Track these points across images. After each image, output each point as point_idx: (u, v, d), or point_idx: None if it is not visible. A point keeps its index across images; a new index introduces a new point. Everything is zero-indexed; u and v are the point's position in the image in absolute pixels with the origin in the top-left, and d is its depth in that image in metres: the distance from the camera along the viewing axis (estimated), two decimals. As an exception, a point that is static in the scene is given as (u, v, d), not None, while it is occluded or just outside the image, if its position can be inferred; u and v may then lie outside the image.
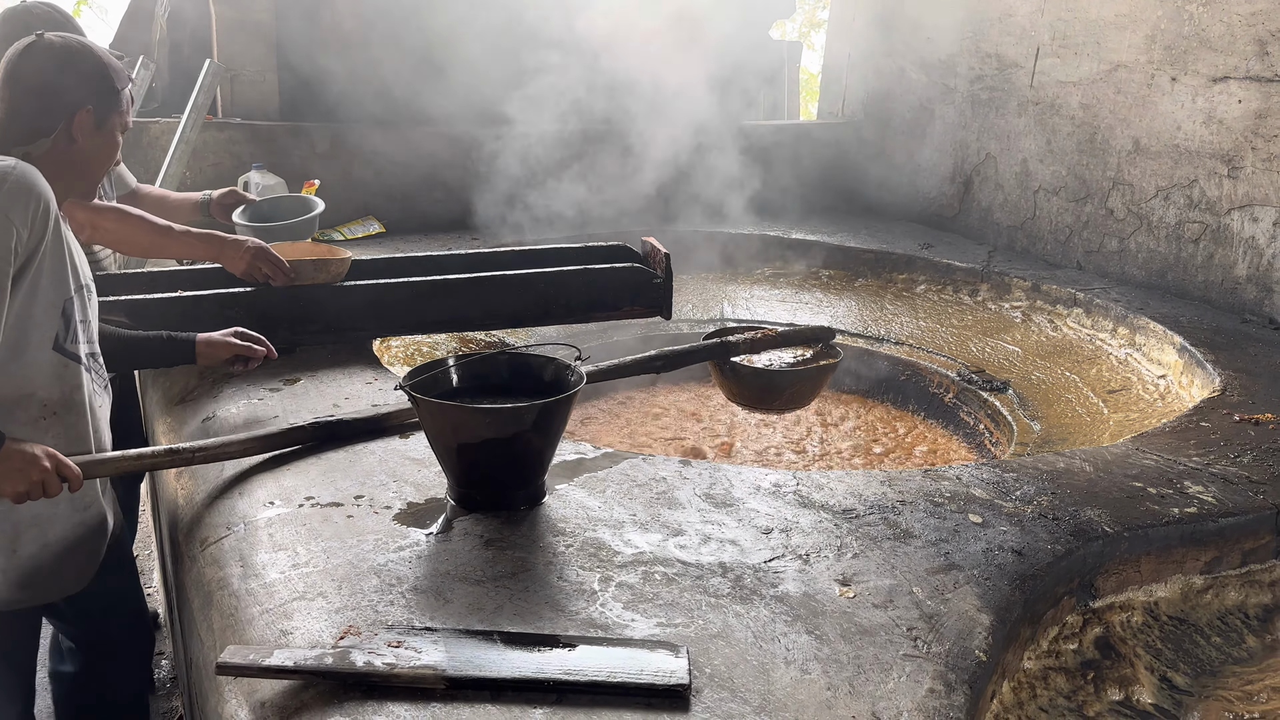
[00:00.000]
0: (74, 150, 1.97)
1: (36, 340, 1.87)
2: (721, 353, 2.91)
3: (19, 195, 1.76)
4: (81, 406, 1.98)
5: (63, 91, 1.93)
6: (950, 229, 5.74)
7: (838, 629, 1.68)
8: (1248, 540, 2.29)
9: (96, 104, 1.96)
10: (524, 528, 1.98)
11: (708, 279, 5.13)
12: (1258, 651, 2.15)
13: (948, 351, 4.30)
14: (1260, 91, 3.93)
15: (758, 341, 2.96)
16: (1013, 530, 2.08)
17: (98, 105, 1.96)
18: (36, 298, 1.85)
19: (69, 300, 1.91)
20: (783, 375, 2.93)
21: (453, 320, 3.13)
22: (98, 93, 1.97)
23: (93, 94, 1.96)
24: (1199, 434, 2.74)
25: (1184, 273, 4.35)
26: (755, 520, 2.07)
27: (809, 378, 2.97)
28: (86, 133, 1.96)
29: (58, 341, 1.91)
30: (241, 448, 2.20)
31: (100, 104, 1.97)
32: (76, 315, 1.94)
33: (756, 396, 3.01)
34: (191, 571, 1.93)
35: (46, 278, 1.85)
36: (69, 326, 1.92)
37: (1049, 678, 1.93)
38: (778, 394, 2.98)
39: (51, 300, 1.88)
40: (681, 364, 2.87)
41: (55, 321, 1.89)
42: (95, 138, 1.98)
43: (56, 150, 1.95)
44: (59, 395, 1.93)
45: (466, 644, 1.54)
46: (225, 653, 1.49)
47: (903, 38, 6.02)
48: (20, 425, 1.87)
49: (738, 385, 2.97)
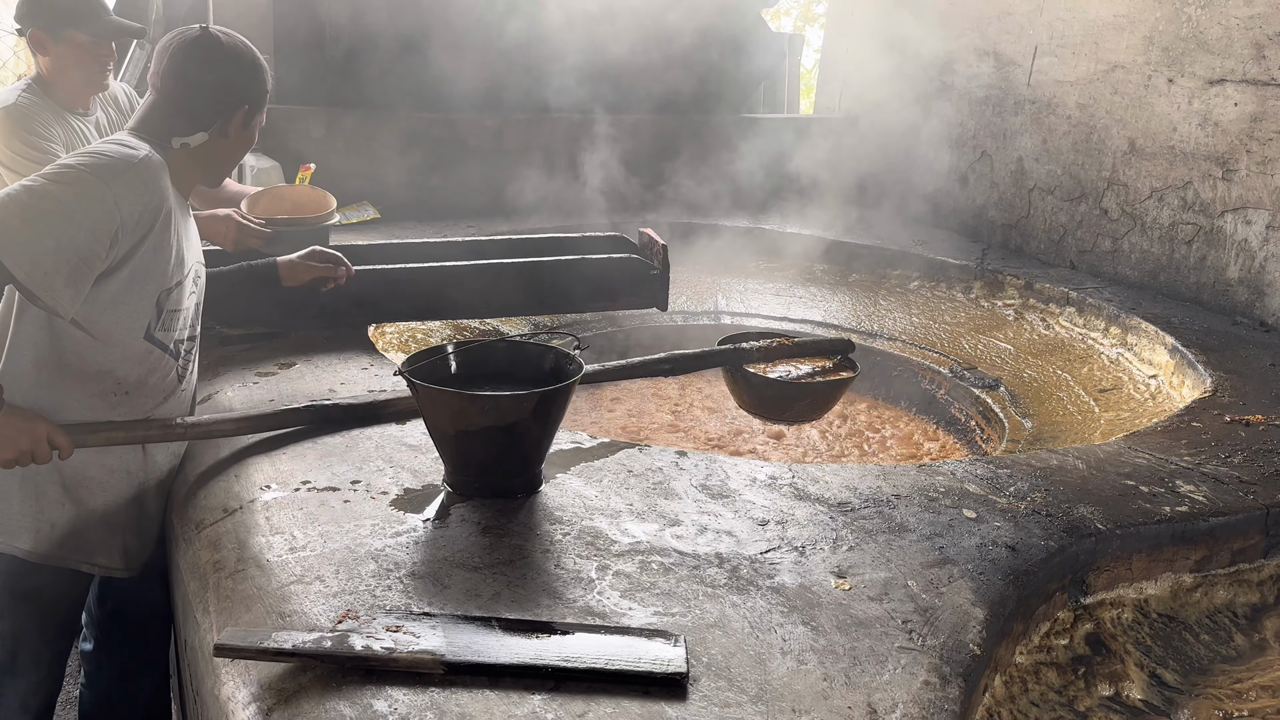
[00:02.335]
0: (224, 144, 2.00)
1: (128, 327, 1.92)
2: (734, 360, 2.81)
3: (137, 188, 1.80)
4: (155, 389, 2.04)
5: (230, 88, 1.96)
6: (945, 226, 5.76)
7: (834, 620, 1.69)
8: (1237, 540, 2.31)
9: (252, 102, 1.99)
10: (521, 515, 1.99)
11: (702, 271, 5.13)
12: (1246, 650, 2.17)
13: (940, 348, 4.32)
14: (1256, 95, 3.95)
15: (772, 350, 2.85)
16: (1006, 526, 2.09)
17: (253, 103, 2.00)
18: (132, 288, 1.89)
19: (165, 292, 1.95)
20: (796, 387, 2.80)
21: (449, 308, 3.13)
22: (255, 91, 2.00)
23: (252, 92, 1.99)
24: (1190, 434, 2.76)
25: (1176, 274, 4.37)
26: (751, 512, 2.08)
27: (823, 391, 2.86)
28: (238, 129, 1.99)
29: (149, 330, 1.96)
30: (235, 426, 2.20)
31: (255, 103, 2.00)
32: (170, 305, 1.98)
33: (768, 406, 2.91)
34: (188, 554, 1.92)
35: (146, 270, 1.89)
36: (160, 315, 1.97)
37: (1040, 672, 1.95)
38: (789, 405, 2.87)
39: (148, 291, 1.92)
40: (691, 369, 2.79)
41: (149, 311, 1.94)
42: (243, 134, 2.03)
43: (210, 143, 1.97)
44: (136, 377, 1.99)
45: (464, 629, 1.55)
46: (223, 635, 1.49)
47: (900, 34, 6.02)
48: (91, 396, 1.94)
49: (749, 393, 2.87)
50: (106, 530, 2.09)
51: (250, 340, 2.93)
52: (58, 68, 2.69)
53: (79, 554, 2.08)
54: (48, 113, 2.71)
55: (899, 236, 5.38)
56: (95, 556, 2.10)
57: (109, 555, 2.12)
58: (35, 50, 2.69)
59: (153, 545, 2.21)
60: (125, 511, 2.12)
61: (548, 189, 5.30)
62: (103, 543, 2.10)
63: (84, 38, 2.69)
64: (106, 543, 2.10)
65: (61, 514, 2.03)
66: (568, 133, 5.54)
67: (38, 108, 2.67)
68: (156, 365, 2.02)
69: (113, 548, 2.12)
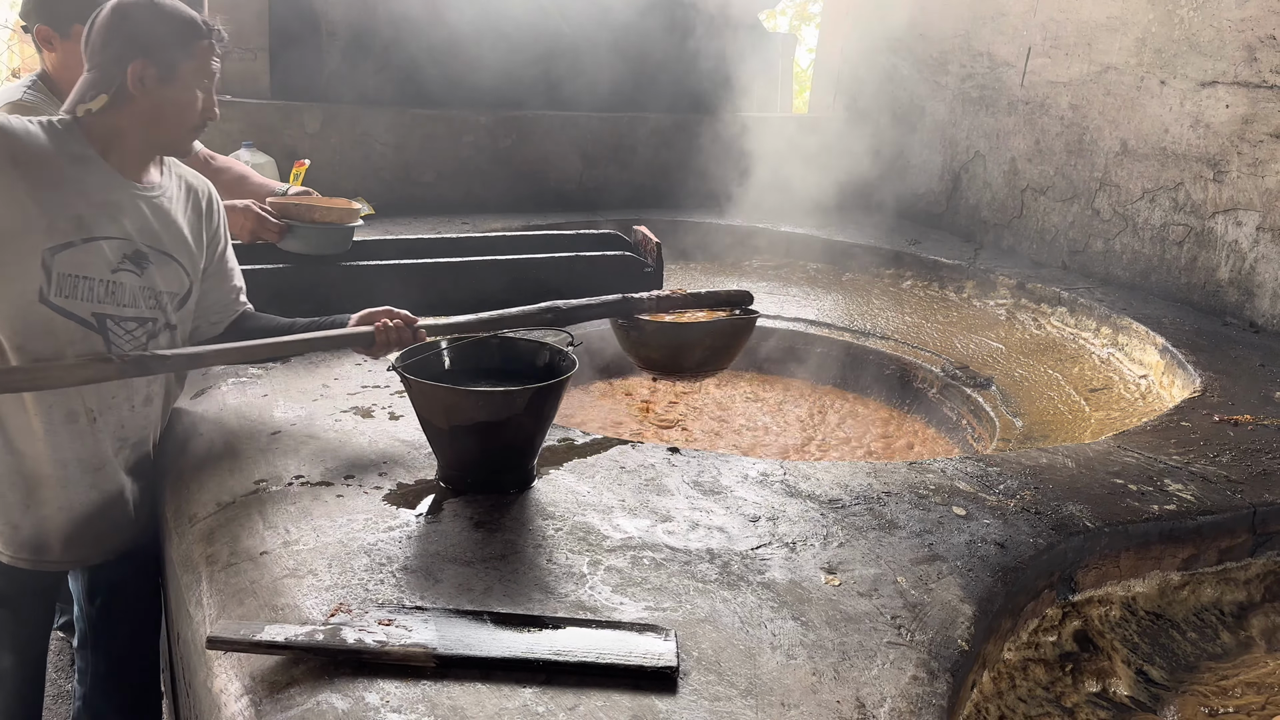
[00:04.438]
0: (139, 106, 1.95)
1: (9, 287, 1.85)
2: (624, 309, 2.59)
3: None
4: None
5: (122, 45, 1.92)
6: (938, 225, 5.78)
7: (823, 616, 1.70)
8: (1224, 538, 2.33)
9: (149, 54, 1.93)
10: (514, 511, 2.00)
11: (695, 269, 5.14)
12: (1232, 648, 2.19)
13: (932, 347, 4.33)
14: (1248, 97, 3.98)
15: (667, 299, 2.64)
16: (996, 523, 2.11)
17: (151, 56, 1.93)
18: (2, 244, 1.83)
19: (50, 251, 1.86)
20: (691, 329, 2.60)
21: (442, 304, 3.13)
22: (151, 42, 1.93)
23: (145, 43, 1.93)
24: (1179, 433, 2.78)
25: (1167, 274, 4.39)
26: (743, 508, 2.09)
27: (723, 332, 2.66)
28: (149, 86, 1.94)
29: (42, 294, 1.87)
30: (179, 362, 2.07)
31: (153, 55, 1.93)
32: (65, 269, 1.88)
33: (667, 357, 2.66)
34: (180, 547, 1.93)
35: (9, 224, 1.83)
36: (51, 279, 1.87)
37: (1028, 669, 1.96)
38: (690, 353, 2.64)
39: (21, 250, 1.84)
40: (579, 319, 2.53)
41: (35, 272, 1.86)
42: (162, 91, 1.95)
43: (119, 106, 1.94)
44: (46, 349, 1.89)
45: (457, 623, 1.55)
46: (215, 627, 1.49)
47: (895, 34, 6.04)
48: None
49: (644, 345, 2.65)
50: (71, 525, 2.06)
51: (244, 335, 2.93)
52: (64, 64, 2.68)
53: (44, 554, 2.06)
54: (53, 110, 2.70)
55: (892, 236, 5.40)
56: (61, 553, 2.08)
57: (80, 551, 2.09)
58: (41, 46, 2.67)
59: (130, 530, 2.18)
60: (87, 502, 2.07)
61: (545, 186, 5.31)
62: (72, 537, 2.07)
63: None
64: (73, 536, 2.07)
65: (25, 517, 2.01)
66: (567, 129, 5.55)
67: (43, 104, 2.66)
68: (73, 339, 1.91)
69: (84, 541, 2.09)
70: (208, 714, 1.50)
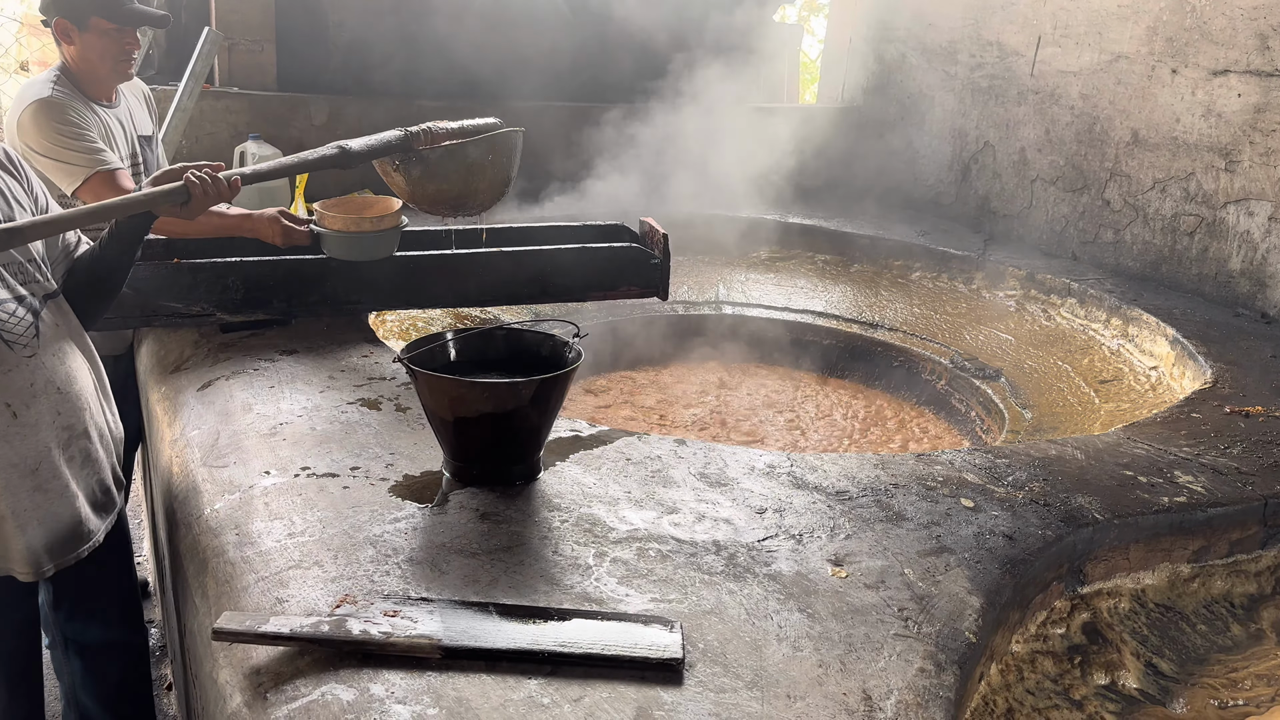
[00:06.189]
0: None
1: None
2: (403, 145, 2.65)
3: None
4: None
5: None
6: (947, 216, 5.75)
7: (830, 608, 1.69)
8: (1235, 530, 2.31)
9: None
10: (519, 502, 1.99)
11: (703, 261, 5.13)
12: (1243, 640, 2.17)
13: (941, 339, 4.31)
14: (1260, 86, 3.94)
15: (438, 134, 2.69)
16: (1004, 515, 2.10)
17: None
18: None
19: None
20: (477, 144, 2.65)
21: (449, 296, 3.13)
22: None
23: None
24: (1190, 425, 2.76)
25: (1178, 265, 4.36)
26: (749, 500, 2.08)
27: (503, 145, 2.72)
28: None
29: None
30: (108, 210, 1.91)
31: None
32: None
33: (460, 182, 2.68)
34: (187, 539, 1.93)
35: None
36: None
37: (1036, 661, 1.95)
38: (481, 173, 2.68)
39: None
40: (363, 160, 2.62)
41: None
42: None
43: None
44: None
45: (462, 615, 1.55)
46: (221, 619, 1.49)
47: (904, 23, 6.01)
48: None
49: (433, 178, 2.67)
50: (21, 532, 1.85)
51: (251, 328, 2.93)
52: (84, 57, 2.68)
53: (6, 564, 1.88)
54: (78, 103, 2.70)
55: (901, 227, 5.37)
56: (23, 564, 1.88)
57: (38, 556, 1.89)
58: (60, 40, 2.68)
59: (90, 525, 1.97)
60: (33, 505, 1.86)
61: (549, 178, 5.29)
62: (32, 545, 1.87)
63: (110, 25, 2.67)
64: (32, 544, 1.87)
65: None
66: (563, 123, 5.52)
67: (70, 98, 2.67)
68: None
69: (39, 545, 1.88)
70: (214, 705, 1.50)
